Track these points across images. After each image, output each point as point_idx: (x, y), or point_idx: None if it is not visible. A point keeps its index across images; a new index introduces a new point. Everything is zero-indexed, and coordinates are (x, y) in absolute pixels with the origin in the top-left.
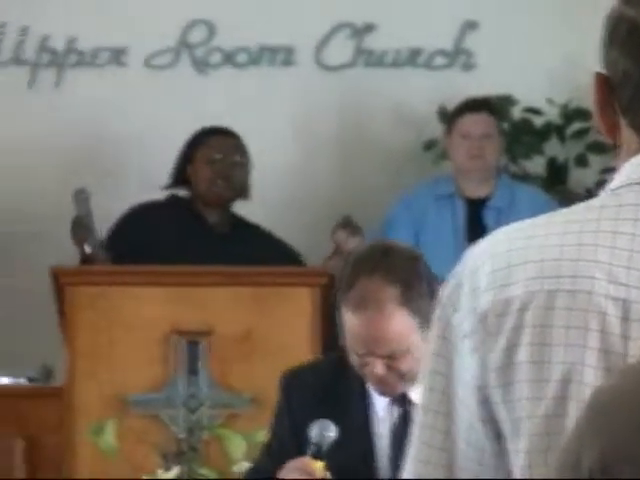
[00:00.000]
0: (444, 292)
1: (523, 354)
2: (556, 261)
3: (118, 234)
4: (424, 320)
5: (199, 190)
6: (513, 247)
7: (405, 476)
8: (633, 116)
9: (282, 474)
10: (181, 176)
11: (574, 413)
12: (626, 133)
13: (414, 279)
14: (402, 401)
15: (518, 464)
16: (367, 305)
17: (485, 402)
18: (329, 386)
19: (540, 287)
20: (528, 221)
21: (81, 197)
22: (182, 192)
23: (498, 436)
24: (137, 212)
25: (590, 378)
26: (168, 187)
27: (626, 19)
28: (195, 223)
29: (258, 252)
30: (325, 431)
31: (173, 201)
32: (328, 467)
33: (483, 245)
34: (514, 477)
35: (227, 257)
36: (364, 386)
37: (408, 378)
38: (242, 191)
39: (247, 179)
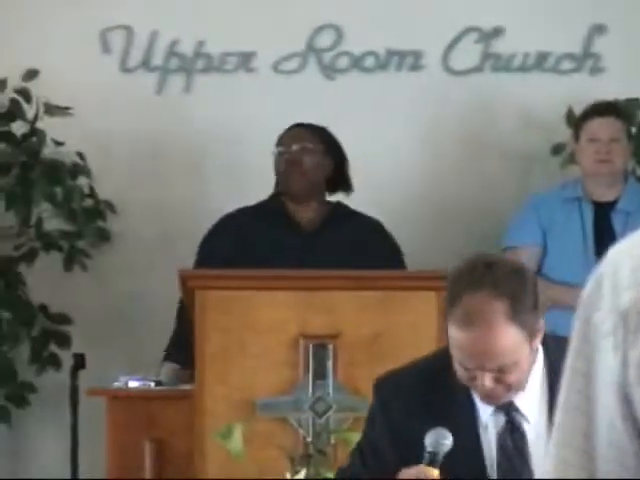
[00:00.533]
0: (585, 291)
1: None
2: None
3: (208, 245)
4: (531, 331)
5: (281, 188)
6: None
7: (545, 477)
8: None
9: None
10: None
11: None
12: None
13: (520, 292)
14: (507, 408)
15: None
16: (474, 321)
17: (626, 400)
18: (429, 391)
19: None
20: None
21: None
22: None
23: (639, 435)
24: (225, 222)
25: None
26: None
27: None
28: (284, 224)
29: (347, 248)
30: (441, 439)
31: (264, 205)
32: (442, 475)
33: (623, 245)
34: None
35: (315, 257)
36: (468, 392)
37: (515, 389)
38: (317, 177)
39: (323, 164)
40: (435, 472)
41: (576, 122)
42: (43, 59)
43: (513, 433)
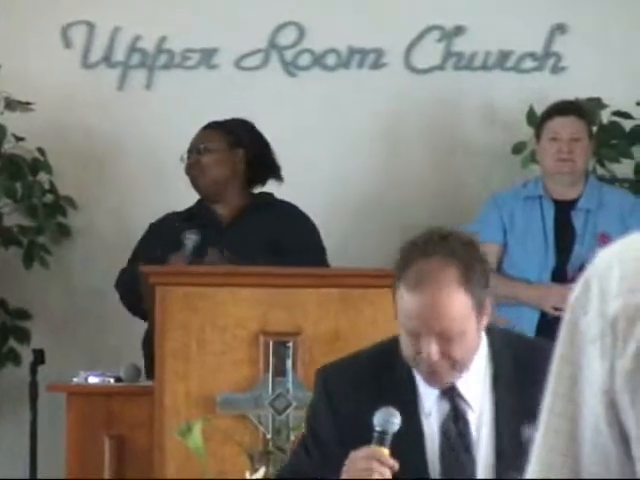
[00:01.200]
0: (573, 295)
1: None
2: None
3: (140, 248)
4: (480, 306)
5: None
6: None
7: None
8: None
9: (349, 463)
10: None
11: None
12: None
13: (473, 263)
14: (451, 395)
15: None
16: (425, 283)
17: (612, 406)
18: (372, 378)
19: None
20: None
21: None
22: None
23: (625, 441)
24: (155, 226)
25: None
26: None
27: None
28: (207, 223)
29: (273, 242)
30: (390, 418)
31: (191, 208)
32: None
33: (613, 249)
34: None
35: (232, 250)
36: (412, 377)
37: (459, 367)
38: (220, 174)
39: (227, 159)
40: (385, 451)
41: (538, 121)
42: (4, 54)
43: (457, 421)
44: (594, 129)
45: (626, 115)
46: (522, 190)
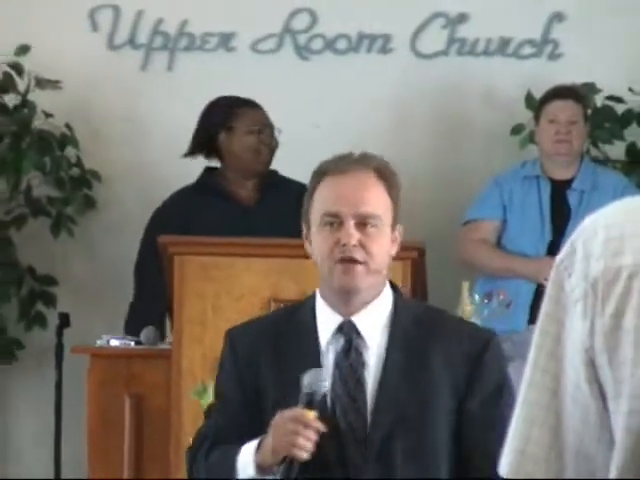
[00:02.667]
0: (559, 257)
1: (630, 320)
2: None
3: (160, 223)
4: (394, 216)
5: (237, 159)
6: (627, 219)
7: (509, 438)
8: None
9: (275, 425)
10: (207, 145)
11: None
12: None
13: (391, 170)
14: (348, 329)
15: (618, 426)
16: (350, 172)
17: (591, 364)
18: (272, 325)
19: None
20: (636, 198)
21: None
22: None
23: (602, 396)
24: (174, 199)
25: None
26: (189, 155)
27: None
28: (224, 199)
29: (291, 219)
30: (318, 380)
31: (203, 182)
32: (320, 417)
33: (598, 215)
34: (615, 437)
35: (256, 230)
36: (313, 312)
37: (372, 269)
38: (269, 159)
39: (272, 147)
40: (311, 414)
41: (537, 104)
42: (35, 36)
43: (350, 354)
44: (589, 112)
45: (618, 99)
46: (521, 170)
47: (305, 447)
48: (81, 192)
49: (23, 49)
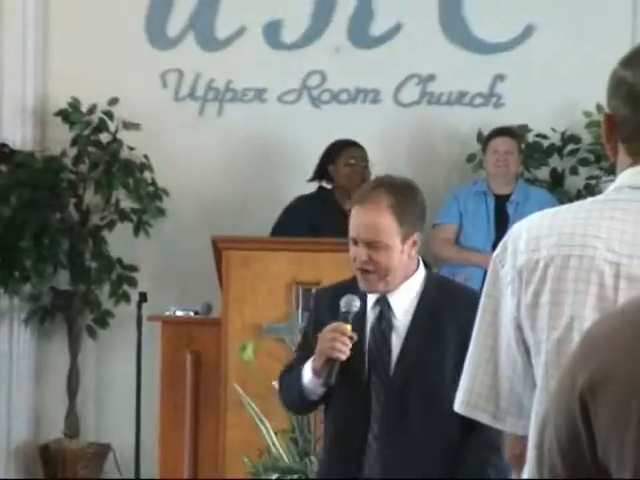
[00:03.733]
0: (495, 253)
1: (545, 297)
2: (570, 235)
3: (286, 218)
4: (406, 232)
5: (341, 183)
6: (542, 225)
7: (461, 382)
8: (628, 145)
9: (321, 336)
10: (323, 173)
11: (576, 340)
12: (622, 155)
13: (409, 198)
14: (382, 302)
15: (539, 374)
16: (365, 202)
17: (519, 329)
18: (344, 288)
19: (558, 252)
20: (552, 209)
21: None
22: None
23: (527, 353)
24: (297, 202)
25: (589, 316)
26: (312, 180)
27: (626, 83)
28: (335, 208)
29: None
30: (352, 301)
31: (320, 192)
32: (354, 330)
33: (522, 222)
34: (537, 381)
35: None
36: (365, 292)
37: (384, 274)
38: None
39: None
40: (348, 327)
41: (485, 140)
42: (121, 91)
43: (382, 321)
44: (522, 146)
45: (544, 136)
46: (473, 187)
47: (342, 350)
48: (155, 204)
49: (113, 101)
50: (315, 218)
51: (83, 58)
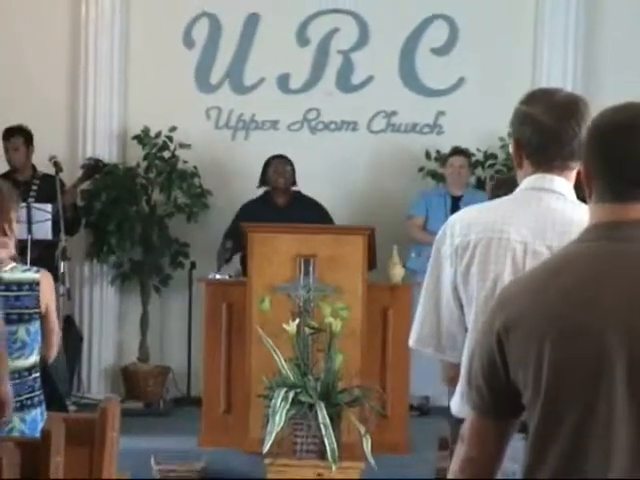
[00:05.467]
0: (437, 236)
1: (475, 267)
2: (492, 224)
3: (236, 216)
4: None
5: (272, 186)
6: (471, 216)
7: (413, 326)
8: (530, 160)
9: None
10: (264, 180)
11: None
12: (526, 166)
13: None
14: None
15: (470, 320)
16: None
17: (455, 290)
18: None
19: (484, 236)
20: (479, 205)
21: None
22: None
23: (461, 307)
24: (244, 205)
25: (506, 279)
26: (260, 186)
27: (529, 115)
28: (270, 205)
29: (305, 217)
30: None
31: (263, 196)
32: None
33: (456, 214)
34: (467, 326)
35: (287, 221)
36: None
37: None
38: (291, 183)
39: (292, 178)
40: None
41: (444, 157)
42: (177, 121)
43: None
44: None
45: (472, 155)
46: (436, 190)
47: None
48: (201, 201)
49: (172, 128)
50: (256, 212)
51: (152, 98)
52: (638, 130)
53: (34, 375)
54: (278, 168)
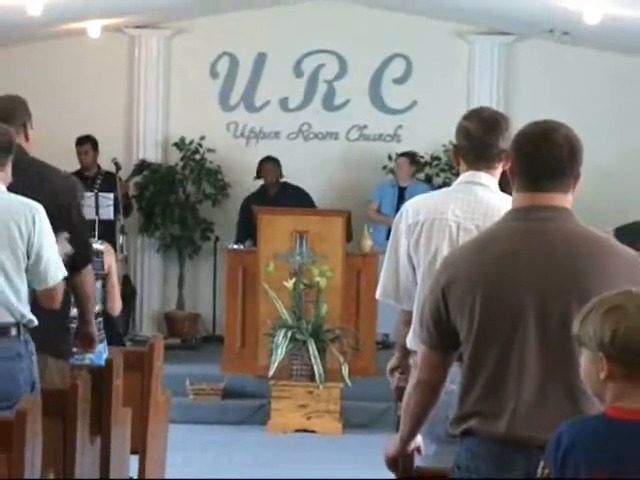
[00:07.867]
0: (396, 217)
1: (422, 240)
2: (434, 208)
3: (242, 208)
4: None
5: (264, 181)
6: (419, 202)
7: (379, 283)
8: (466, 160)
9: None
10: (259, 175)
11: (438, 262)
12: (462, 166)
13: None
14: None
15: (419, 279)
16: None
17: (409, 256)
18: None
19: (429, 217)
20: (426, 194)
21: None
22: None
23: (413, 269)
24: (245, 199)
25: (444, 250)
26: (255, 179)
27: (466, 128)
28: (264, 195)
29: (293, 201)
30: None
31: (260, 189)
32: None
33: (410, 201)
34: (418, 283)
35: (278, 206)
36: None
37: None
38: (278, 177)
39: (279, 174)
40: None
41: (396, 158)
42: (206, 132)
43: None
44: (416, 160)
45: (422, 157)
46: (389, 182)
47: None
48: (223, 191)
49: (202, 137)
50: (254, 202)
51: (187, 115)
52: (548, 139)
53: (99, 319)
54: (266, 168)
